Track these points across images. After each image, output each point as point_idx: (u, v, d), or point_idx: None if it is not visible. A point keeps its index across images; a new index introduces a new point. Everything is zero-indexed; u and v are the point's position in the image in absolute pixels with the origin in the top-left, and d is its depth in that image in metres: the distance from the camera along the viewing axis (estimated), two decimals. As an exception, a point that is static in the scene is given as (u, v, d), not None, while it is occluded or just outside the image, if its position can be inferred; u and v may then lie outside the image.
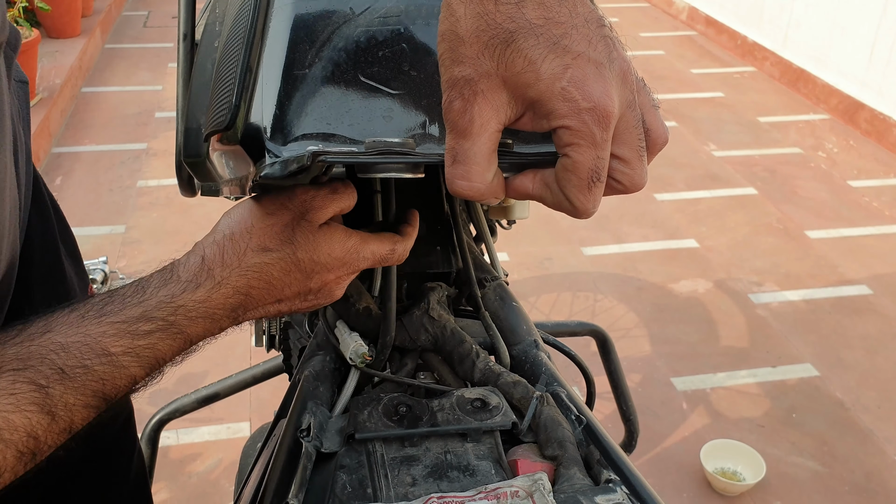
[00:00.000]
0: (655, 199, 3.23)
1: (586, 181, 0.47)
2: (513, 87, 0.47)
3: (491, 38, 0.47)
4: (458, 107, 0.47)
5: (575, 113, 0.46)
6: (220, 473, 1.92)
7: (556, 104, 0.46)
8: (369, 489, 0.54)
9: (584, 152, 0.46)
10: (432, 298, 0.72)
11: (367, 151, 0.50)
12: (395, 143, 0.50)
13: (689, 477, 1.96)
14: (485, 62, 0.47)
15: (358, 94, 0.55)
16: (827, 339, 2.47)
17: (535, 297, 2.61)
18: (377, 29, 0.58)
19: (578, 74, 0.46)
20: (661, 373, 2.30)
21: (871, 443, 2.09)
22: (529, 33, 0.46)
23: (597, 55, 0.47)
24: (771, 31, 4.68)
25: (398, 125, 0.55)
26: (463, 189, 0.48)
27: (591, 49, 0.47)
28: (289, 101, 0.54)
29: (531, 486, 0.51)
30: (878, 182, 3.46)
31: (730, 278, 2.75)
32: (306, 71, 0.55)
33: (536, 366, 0.68)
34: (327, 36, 0.57)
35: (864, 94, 3.93)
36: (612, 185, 0.50)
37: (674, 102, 4.20)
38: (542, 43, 0.46)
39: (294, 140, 0.53)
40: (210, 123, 0.58)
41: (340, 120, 0.54)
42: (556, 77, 0.46)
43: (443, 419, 0.59)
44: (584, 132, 0.46)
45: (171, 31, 5.04)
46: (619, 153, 0.48)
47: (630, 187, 0.50)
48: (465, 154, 0.48)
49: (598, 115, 0.46)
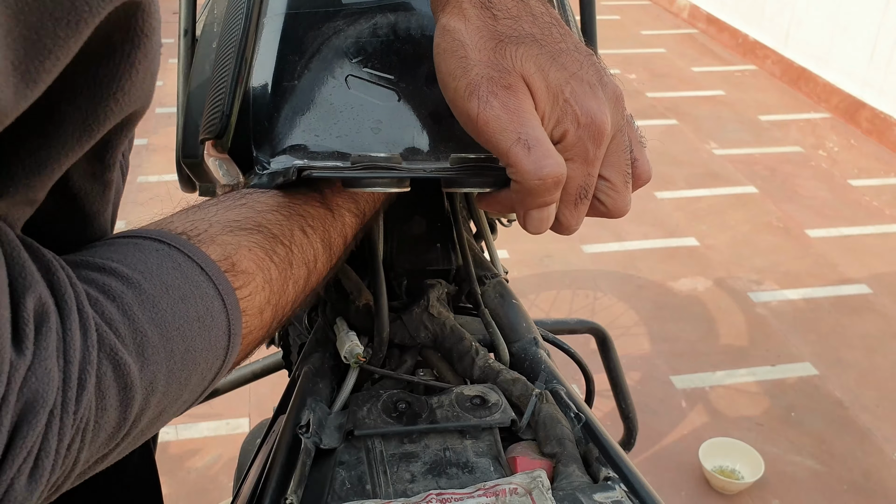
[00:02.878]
0: (656, 197, 3.23)
1: (574, 196, 0.47)
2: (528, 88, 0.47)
3: (499, 43, 0.47)
4: (496, 104, 0.45)
5: (574, 126, 0.46)
6: (220, 469, 1.92)
7: (558, 113, 0.46)
8: (368, 485, 0.54)
9: (576, 168, 0.47)
10: (432, 295, 0.72)
11: (353, 166, 0.50)
12: (381, 157, 0.50)
13: (687, 475, 1.96)
14: (502, 61, 0.46)
15: (347, 105, 0.55)
16: (826, 338, 2.47)
17: (534, 294, 2.61)
18: (367, 40, 0.58)
19: (577, 89, 0.46)
20: (661, 371, 2.30)
21: (870, 442, 2.09)
22: (533, 42, 0.47)
23: (589, 77, 0.47)
24: (772, 29, 4.68)
25: (386, 137, 0.55)
26: (554, 168, 0.45)
27: (583, 71, 0.47)
28: (278, 112, 0.55)
29: (530, 483, 0.51)
30: (878, 181, 3.45)
31: (730, 277, 2.75)
32: (295, 82, 0.56)
33: (536, 363, 0.68)
34: (317, 47, 0.57)
35: (865, 93, 3.93)
36: (595, 207, 0.50)
37: (674, 100, 4.20)
38: (545, 54, 0.47)
39: (282, 152, 0.53)
40: (204, 129, 0.58)
41: (329, 131, 0.54)
42: (562, 86, 0.46)
43: (442, 416, 0.59)
44: (578, 147, 0.46)
45: (171, 26, 5.01)
46: (606, 175, 0.48)
47: (613, 211, 0.50)
48: (536, 137, 0.45)
49: (593, 130, 0.46)
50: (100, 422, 0.33)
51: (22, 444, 0.29)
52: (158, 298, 0.37)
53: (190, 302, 0.38)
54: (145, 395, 0.35)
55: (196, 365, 0.39)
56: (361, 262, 0.73)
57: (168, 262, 0.39)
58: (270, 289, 0.46)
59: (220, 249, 0.43)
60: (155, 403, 0.37)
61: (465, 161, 0.50)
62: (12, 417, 0.29)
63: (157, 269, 0.38)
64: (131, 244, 0.39)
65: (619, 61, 4.73)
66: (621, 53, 4.87)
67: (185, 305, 0.38)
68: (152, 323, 0.36)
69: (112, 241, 0.40)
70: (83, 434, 0.32)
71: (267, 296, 0.45)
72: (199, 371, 0.39)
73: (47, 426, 0.30)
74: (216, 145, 0.57)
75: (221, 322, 0.40)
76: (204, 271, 0.40)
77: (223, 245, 0.43)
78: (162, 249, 0.39)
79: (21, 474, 0.29)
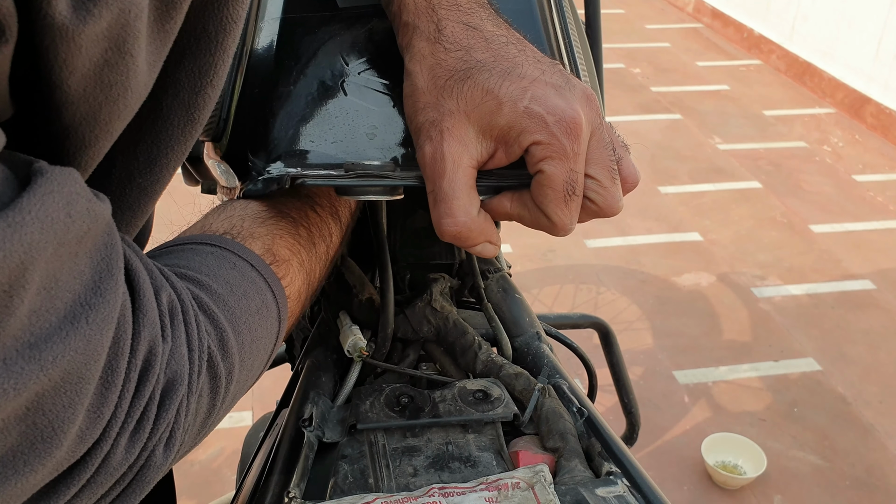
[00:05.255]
0: (659, 191, 3.22)
1: (562, 194, 0.48)
2: (477, 121, 0.48)
3: (447, 81, 0.49)
4: (428, 150, 0.48)
5: (542, 127, 0.46)
6: (223, 462, 1.93)
7: (523, 122, 0.47)
8: (371, 479, 0.54)
9: (557, 164, 0.47)
10: (435, 290, 0.72)
11: (346, 174, 0.50)
12: (374, 166, 0.50)
13: (689, 470, 1.96)
14: (445, 103, 0.48)
15: (342, 111, 0.55)
16: (829, 334, 2.47)
17: (537, 289, 2.61)
18: (362, 46, 0.58)
19: (539, 93, 0.47)
20: (664, 366, 2.30)
21: (873, 437, 2.09)
22: (482, 69, 0.48)
23: (552, 80, 0.48)
24: (777, 23, 4.66)
25: (381, 143, 0.55)
26: (449, 227, 0.48)
27: (546, 75, 0.48)
28: (273, 117, 0.55)
29: (532, 477, 0.51)
30: (883, 177, 3.44)
31: (733, 272, 2.74)
32: (291, 87, 0.56)
33: (538, 358, 0.69)
34: (313, 52, 0.57)
35: (870, 88, 3.92)
36: (587, 207, 0.50)
37: (679, 95, 4.19)
38: (495, 75, 0.48)
39: (277, 158, 0.53)
40: (204, 129, 0.58)
41: (324, 137, 0.54)
42: (517, 98, 0.47)
43: (444, 410, 0.59)
44: (554, 145, 0.47)
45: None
46: (592, 173, 0.49)
47: (605, 208, 0.50)
48: (444, 192, 0.48)
49: (565, 126, 0.46)
50: (199, 408, 0.38)
51: (165, 416, 0.34)
52: (227, 297, 0.41)
53: (250, 297, 0.43)
54: (226, 384, 0.40)
55: (258, 353, 0.43)
56: (364, 255, 0.73)
57: (226, 264, 0.43)
58: (304, 270, 0.50)
59: (260, 243, 0.47)
60: (232, 391, 0.41)
61: None
62: (160, 394, 0.34)
63: (218, 270, 0.42)
64: (189, 250, 0.43)
65: (623, 55, 4.72)
66: (626, 48, 4.85)
67: (246, 301, 0.42)
68: (227, 319, 0.40)
69: (170, 249, 0.44)
70: (195, 416, 0.37)
71: (302, 278, 0.50)
72: (260, 358, 0.44)
73: (180, 403, 0.35)
74: (214, 148, 0.57)
75: (273, 311, 0.45)
76: (254, 268, 0.44)
77: (261, 238, 0.47)
78: (216, 252, 0.43)
79: (160, 443, 0.35)
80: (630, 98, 4.13)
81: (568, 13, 0.67)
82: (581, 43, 0.69)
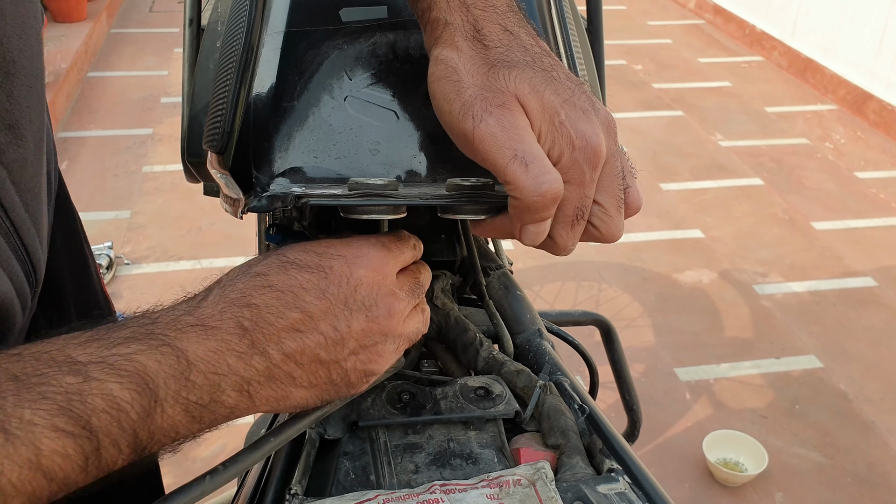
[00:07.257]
0: (661, 188, 3.22)
1: (571, 218, 0.48)
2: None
3: (492, 66, 0.47)
4: (493, 121, 0.45)
5: (569, 148, 0.46)
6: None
7: (554, 135, 0.46)
8: (372, 476, 0.54)
9: (572, 190, 0.47)
10: (436, 287, 0.72)
11: (350, 193, 0.50)
12: (377, 185, 0.49)
13: (691, 467, 1.96)
14: (495, 83, 0.47)
15: (346, 126, 0.55)
16: (831, 331, 2.47)
17: (539, 286, 2.61)
18: (366, 60, 0.58)
19: (572, 114, 0.47)
20: (665, 363, 2.30)
21: (874, 435, 2.09)
22: (526, 66, 0.48)
23: (582, 103, 0.48)
24: (779, 20, 4.65)
25: (384, 158, 0.55)
26: (553, 184, 0.45)
27: (576, 98, 0.48)
28: (277, 132, 0.55)
29: (534, 474, 0.51)
30: (885, 174, 3.44)
31: (735, 269, 2.74)
32: (295, 102, 0.56)
33: (540, 355, 0.69)
34: (316, 66, 0.57)
35: (872, 84, 3.91)
36: (589, 232, 0.50)
37: (680, 91, 4.18)
38: (539, 75, 0.47)
39: (281, 174, 0.53)
40: (206, 139, 0.58)
41: (328, 153, 0.54)
42: (556, 109, 0.46)
43: (446, 407, 0.59)
44: (574, 170, 0.46)
45: (176, 15, 5.02)
46: (600, 200, 0.49)
47: (606, 236, 0.50)
48: (533, 153, 0.45)
49: (589, 153, 0.46)
50: None
51: None
52: None
53: None
54: None
55: None
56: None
57: None
58: None
59: None
60: None
61: (461, 188, 0.51)
62: None
63: None
64: None
65: (625, 52, 4.71)
66: (627, 44, 4.85)
67: None
68: None
69: None
70: None
71: None
72: None
73: None
74: (218, 160, 0.57)
75: None
76: None
77: None
78: None
79: None
80: (632, 95, 4.13)
81: (568, 12, 0.67)
82: (581, 42, 0.69)
